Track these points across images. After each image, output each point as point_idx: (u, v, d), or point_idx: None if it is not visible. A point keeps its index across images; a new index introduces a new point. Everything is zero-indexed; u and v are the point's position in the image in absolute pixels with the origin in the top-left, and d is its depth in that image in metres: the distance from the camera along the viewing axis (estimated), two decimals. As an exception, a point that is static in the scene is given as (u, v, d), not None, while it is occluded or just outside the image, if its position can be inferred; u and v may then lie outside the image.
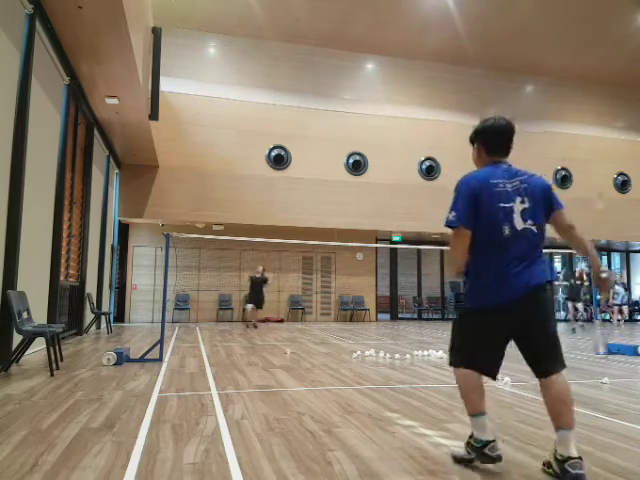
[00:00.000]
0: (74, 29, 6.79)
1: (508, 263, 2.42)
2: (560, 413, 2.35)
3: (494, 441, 2.42)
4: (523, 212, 2.47)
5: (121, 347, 6.74)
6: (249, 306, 12.39)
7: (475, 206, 2.46)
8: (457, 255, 2.54)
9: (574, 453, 2.27)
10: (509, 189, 2.49)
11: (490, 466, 2.49)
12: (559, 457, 2.30)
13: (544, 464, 2.45)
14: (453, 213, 2.50)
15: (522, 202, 2.47)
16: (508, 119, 2.68)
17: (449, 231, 2.53)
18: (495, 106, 17.01)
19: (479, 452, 2.43)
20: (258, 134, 14.51)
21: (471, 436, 2.50)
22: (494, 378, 2.55)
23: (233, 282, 15.54)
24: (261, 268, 12.71)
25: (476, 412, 2.46)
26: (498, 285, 2.42)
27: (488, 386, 4.70)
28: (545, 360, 2.41)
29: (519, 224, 2.45)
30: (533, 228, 2.46)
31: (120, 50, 7.31)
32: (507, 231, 2.43)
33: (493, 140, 2.67)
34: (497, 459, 2.40)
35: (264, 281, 12.44)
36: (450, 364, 2.61)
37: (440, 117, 16.25)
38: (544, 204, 2.53)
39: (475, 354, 2.51)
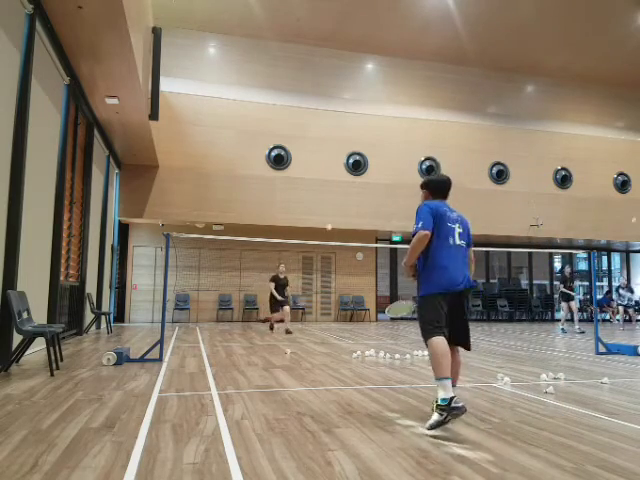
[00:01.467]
0: (74, 29, 6.79)
1: (452, 263, 3.42)
2: (457, 372, 3.46)
3: (455, 396, 3.02)
4: (460, 234, 3.56)
5: (121, 347, 6.74)
6: (286, 308, 11.04)
7: (433, 220, 3.48)
8: (414, 256, 3.53)
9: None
10: (452, 216, 3.57)
11: (490, 466, 2.49)
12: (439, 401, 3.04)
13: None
14: (420, 223, 3.47)
15: (459, 227, 3.57)
16: (446, 176, 3.82)
17: (413, 239, 3.49)
18: (495, 106, 17.02)
19: (448, 408, 2.97)
20: (258, 134, 14.51)
21: (435, 401, 3.07)
22: (449, 341, 3.31)
23: (233, 282, 15.54)
24: (283, 267, 11.41)
25: (447, 376, 3.09)
26: (447, 277, 3.38)
27: (488, 386, 4.70)
28: (458, 336, 3.46)
29: (457, 240, 3.52)
30: (464, 245, 3.57)
31: (120, 50, 7.31)
32: (451, 241, 3.49)
33: (437, 189, 3.74)
34: (463, 408, 3.00)
35: (287, 284, 11.26)
36: (425, 339, 3.31)
37: (440, 117, 16.25)
38: (467, 235, 3.66)
39: (440, 324, 3.32)
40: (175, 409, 3.62)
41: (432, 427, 3.04)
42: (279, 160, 14.65)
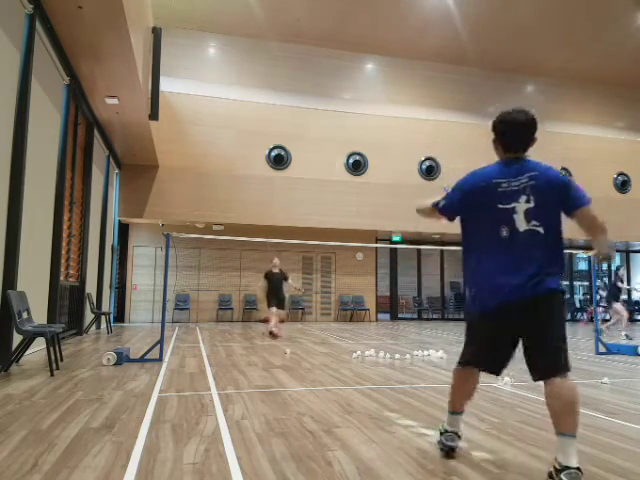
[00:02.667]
0: (74, 29, 6.79)
1: (505, 265, 2.31)
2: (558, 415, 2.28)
3: (453, 432, 2.63)
4: (527, 212, 2.32)
5: (121, 347, 6.74)
6: (273, 309, 9.52)
7: (467, 204, 2.47)
8: (423, 214, 2.72)
9: (573, 463, 2.12)
10: (514, 188, 2.35)
11: (490, 466, 2.49)
12: (557, 466, 2.16)
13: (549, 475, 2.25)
14: (443, 202, 2.58)
15: (527, 201, 2.32)
16: (528, 112, 2.43)
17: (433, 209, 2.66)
18: (495, 106, 17.02)
19: (440, 438, 2.69)
20: (258, 134, 14.51)
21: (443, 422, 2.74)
22: (497, 374, 2.55)
23: (233, 282, 15.54)
24: (277, 261, 9.93)
25: (451, 409, 2.69)
26: (492, 287, 2.35)
27: (488, 386, 4.70)
28: (535, 366, 2.40)
29: (521, 225, 2.32)
30: (539, 229, 2.31)
31: (120, 50, 7.31)
32: (504, 233, 2.33)
33: (508, 136, 2.45)
34: (448, 448, 2.62)
35: (285, 278, 9.80)
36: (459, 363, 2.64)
37: (440, 117, 16.25)
38: (557, 203, 2.35)
39: (474, 355, 2.54)
40: (175, 409, 3.62)
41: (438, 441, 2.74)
42: (279, 160, 14.65)
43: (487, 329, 2.43)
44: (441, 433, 2.70)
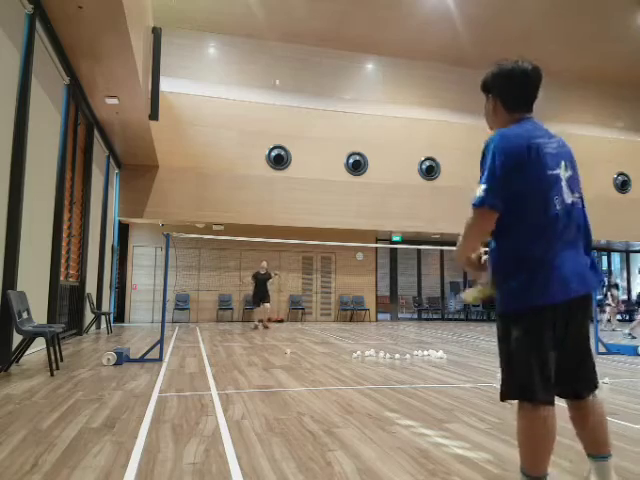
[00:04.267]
0: (74, 29, 6.79)
1: (564, 247, 1.85)
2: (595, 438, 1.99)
3: None
4: (569, 180, 1.93)
5: (121, 347, 6.74)
6: (265, 306, 11.97)
7: (519, 176, 1.85)
8: (469, 247, 1.99)
9: None
10: (554, 151, 1.92)
11: (490, 466, 2.50)
12: None
13: None
14: (485, 186, 1.86)
15: (566, 168, 1.94)
16: (534, 63, 2.07)
17: (468, 218, 1.92)
18: (495, 106, 17.02)
19: None
20: (258, 134, 14.51)
21: None
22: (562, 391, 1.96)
23: (233, 282, 15.54)
24: (265, 263, 12.33)
25: (538, 474, 1.91)
26: (557, 275, 1.81)
27: (488, 386, 4.69)
28: (572, 378, 1.94)
29: (568, 196, 1.90)
30: (580, 203, 1.98)
31: (120, 50, 7.31)
32: (558, 206, 1.86)
33: (516, 90, 2.05)
34: None
35: (269, 277, 12.15)
36: (507, 396, 2.00)
37: (440, 117, 16.25)
38: (578, 176, 2.05)
39: (542, 374, 1.82)
40: (175, 409, 3.62)
41: None
42: (279, 160, 14.65)
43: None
44: None
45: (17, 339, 5.55)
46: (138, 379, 4.84)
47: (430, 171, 15.82)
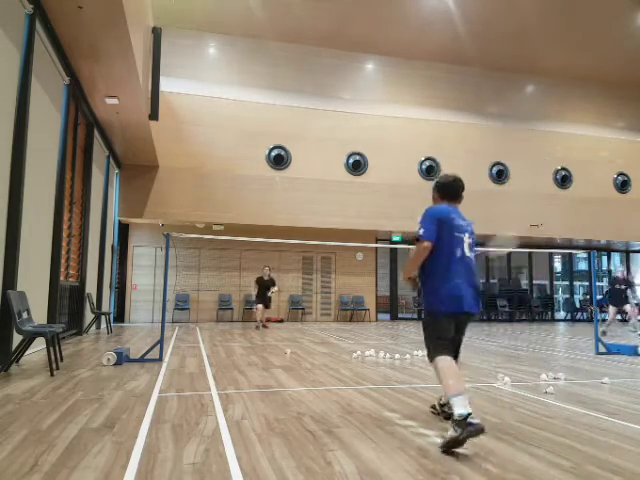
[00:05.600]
0: (74, 29, 6.79)
1: (460, 280, 3.12)
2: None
3: (471, 412, 2.73)
4: (469, 245, 3.24)
5: (121, 347, 6.74)
6: (259, 306, 12.40)
7: (439, 229, 3.15)
8: (414, 268, 3.24)
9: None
10: (462, 224, 3.24)
11: (490, 466, 2.49)
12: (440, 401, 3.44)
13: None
14: (423, 230, 3.15)
15: (469, 237, 3.25)
16: (457, 177, 3.44)
17: (414, 249, 3.21)
18: (495, 106, 17.02)
19: (464, 423, 2.67)
20: (258, 134, 14.51)
21: (452, 416, 2.79)
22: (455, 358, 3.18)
23: (233, 282, 15.54)
24: (267, 270, 12.74)
25: (459, 392, 2.84)
26: (455, 297, 3.10)
27: (488, 386, 4.70)
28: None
29: (467, 251, 3.21)
30: (473, 258, 3.25)
31: (120, 50, 7.31)
32: (458, 254, 3.16)
33: (453, 191, 3.42)
34: (480, 426, 2.66)
35: (272, 284, 12.56)
36: (431, 357, 3.12)
37: (440, 117, 16.25)
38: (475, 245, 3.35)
39: (446, 343, 3.15)
40: (175, 409, 3.62)
41: (446, 445, 2.72)
42: (279, 160, 14.65)
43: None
44: (457, 420, 2.71)
45: (17, 339, 5.55)
46: (138, 379, 4.84)
47: (430, 171, 15.82)
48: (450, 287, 3.11)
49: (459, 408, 2.74)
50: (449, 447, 2.70)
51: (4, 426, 3.11)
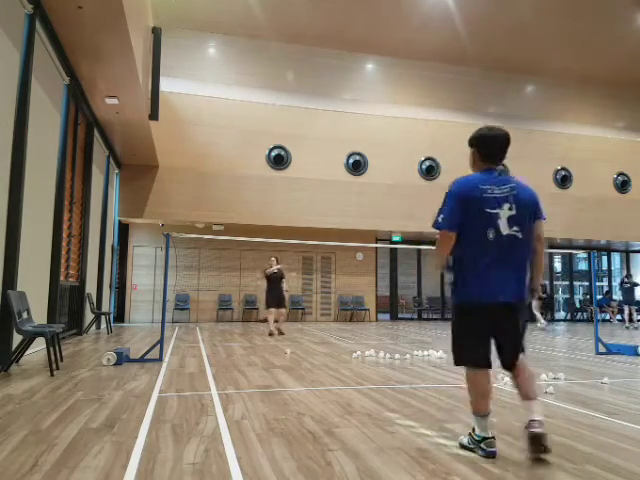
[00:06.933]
0: (74, 29, 6.79)
1: (490, 265, 2.60)
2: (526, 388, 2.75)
3: (493, 438, 2.61)
4: (510, 218, 2.62)
5: (121, 347, 6.74)
6: (271, 310, 10.41)
7: (463, 210, 2.62)
8: (442, 254, 2.75)
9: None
10: (497, 195, 2.63)
11: (490, 466, 2.49)
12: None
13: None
14: (442, 216, 2.67)
15: (510, 209, 2.62)
16: (503, 130, 2.81)
17: (436, 231, 2.73)
18: (495, 106, 17.02)
19: (476, 445, 2.63)
20: (258, 134, 14.51)
21: (473, 429, 2.69)
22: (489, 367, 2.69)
23: (233, 282, 15.54)
24: (274, 260, 10.67)
25: (482, 412, 2.65)
26: (483, 285, 2.61)
27: (488, 386, 4.70)
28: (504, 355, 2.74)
29: (504, 229, 2.60)
30: (518, 234, 2.62)
31: (120, 50, 7.31)
32: (491, 235, 2.59)
33: (488, 148, 2.78)
34: (490, 455, 2.57)
35: (282, 277, 10.53)
36: (456, 363, 2.76)
37: (440, 117, 16.25)
38: (530, 212, 2.70)
39: (472, 346, 2.67)
40: (175, 409, 3.62)
41: (460, 444, 2.77)
42: (279, 160, 14.65)
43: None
44: (474, 439, 2.65)
45: (17, 339, 5.55)
46: (138, 379, 4.84)
47: (430, 171, 15.82)
48: (478, 274, 2.62)
49: (477, 429, 2.65)
50: (462, 448, 2.74)
51: (4, 426, 3.11)
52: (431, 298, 18.55)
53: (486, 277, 2.60)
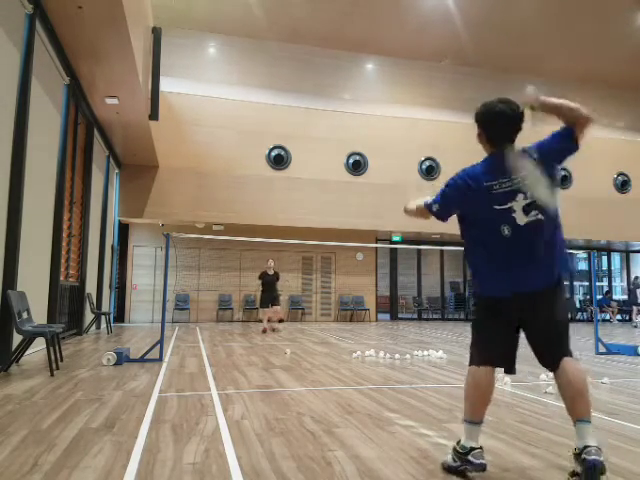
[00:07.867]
0: (74, 29, 6.79)
1: (511, 259, 2.28)
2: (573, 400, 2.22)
3: (480, 448, 2.29)
4: (526, 206, 2.28)
5: (121, 347, 6.74)
6: (275, 308, 11.10)
7: (459, 204, 2.42)
8: (410, 215, 2.65)
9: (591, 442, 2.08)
10: (507, 189, 2.30)
11: (490, 466, 2.49)
12: (576, 451, 2.11)
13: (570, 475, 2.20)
14: (436, 205, 2.47)
15: (525, 198, 2.28)
16: (512, 103, 2.38)
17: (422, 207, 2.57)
18: (495, 106, 17.01)
19: (462, 459, 2.29)
20: (258, 134, 14.51)
21: (458, 442, 2.37)
22: (510, 372, 2.39)
23: (233, 282, 15.54)
24: (272, 262, 11.36)
25: (473, 420, 2.35)
26: (500, 280, 2.31)
27: (488, 386, 4.69)
28: (540, 352, 2.36)
29: (522, 220, 2.27)
30: (539, 216, 2.27)
31: (120, 50, 7.31)
32: (506, 231, 2.28)
33: (494, 127, 2.41)
34: (480, 467, 2.25)
35: (277, 279, 11.27)
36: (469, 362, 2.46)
37: (440, 117, 16.25)
38: (559, 156, 2.51)
39: (487, 345, 2.38)
40: (175, 409, 3.62)
41: (444, 467, 2.39)
42: (279, 160, 14.65)
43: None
44: (458, 452, 2.31)
45: (17, 339, 5.55)
46: (138, 379, 4.84)
47: (430, 171, 15.82)
48: (497, 268, 2.32)
49: (465, 438, 2.32)
50: (446, 470, 2.38)
51: (4, 426, 3.10)
52: (431, 298, 18.54)
53: (506, 271, 2.28)
